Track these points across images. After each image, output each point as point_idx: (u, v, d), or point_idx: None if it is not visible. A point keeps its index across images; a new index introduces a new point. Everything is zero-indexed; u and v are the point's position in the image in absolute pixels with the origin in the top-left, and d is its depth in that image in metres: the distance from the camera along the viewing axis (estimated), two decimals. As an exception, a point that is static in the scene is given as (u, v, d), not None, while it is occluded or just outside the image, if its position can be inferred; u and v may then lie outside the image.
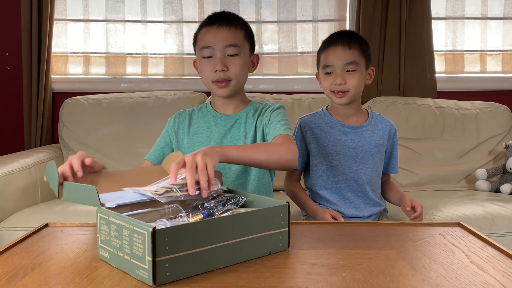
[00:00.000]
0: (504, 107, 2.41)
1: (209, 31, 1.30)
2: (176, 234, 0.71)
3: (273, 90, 2.55)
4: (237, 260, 0.79)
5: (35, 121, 2.46)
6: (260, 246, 0.82)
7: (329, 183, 1.49)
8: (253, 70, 1.39)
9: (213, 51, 1.29)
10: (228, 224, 0.77)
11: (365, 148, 1.49)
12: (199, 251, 0.74)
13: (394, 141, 1.57)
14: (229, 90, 1.31)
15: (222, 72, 1.28)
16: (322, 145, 1.49)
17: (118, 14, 2.59)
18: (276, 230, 0.83)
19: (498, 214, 1.70)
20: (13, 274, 0.75)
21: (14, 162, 1.89)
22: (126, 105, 2.33)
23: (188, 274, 0.73)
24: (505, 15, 2.61)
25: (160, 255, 0.69)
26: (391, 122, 1.57)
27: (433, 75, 2.52)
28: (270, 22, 2.61)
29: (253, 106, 1.39)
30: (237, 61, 1.30)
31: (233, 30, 1.30)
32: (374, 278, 0.73)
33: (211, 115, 1.39)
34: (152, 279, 0.69)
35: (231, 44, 1.28)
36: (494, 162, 2.30)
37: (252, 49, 1.38)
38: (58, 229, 1.01)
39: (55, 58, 2.59)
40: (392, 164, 1.58)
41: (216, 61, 1.28)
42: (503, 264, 0.79)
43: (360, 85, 1.45)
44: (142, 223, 0.71)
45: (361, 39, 1.47)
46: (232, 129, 1.35)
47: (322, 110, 1.56)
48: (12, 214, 1.78)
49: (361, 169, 1.49)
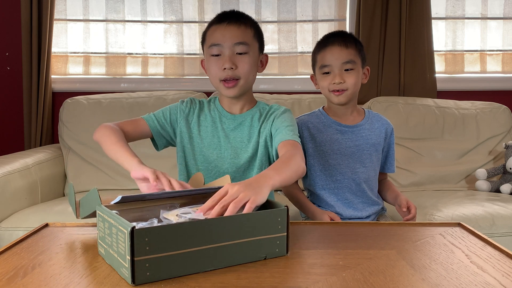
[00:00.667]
0: (504, 107, 2.41)
1: (218, 29, 1.28)
2: (157, 234, 0.70)
3: (273, 90, 2.55)
4: (227, 263, 0.77)
5: (35, 121, 2.46)
6: (254, 250, 0.79)
7: (327, 183, 1.49)
8: (262, 70, 1.37)
9: (222, 49, 1.27)
10: (217, 226, 0.75)
11: (362, 147, 1.49)
12: (183, 252, 0.72)
13: (391, 140, 1.57)
14: (237, 91, 1.29)
15: (231, 70, 1.26)
16: (319, 144, 1.49)
17: (118, 14, 2.59)
18: (272, 235, 0.81)
19: (498, 214, 1.70)
20: (13, 274, 0.75)
21: (14, 162, 1.89)
22: (126, 105, 2.33)
23: (170, 275, 0.72)
24: (505, 15, 2.61)
25: (140, 255, 0.69)
26: (388, 121, 1.57)
27: (433, 75, 2.52)
28: (270, 22, 2.61)
29: (259, 108, 1.37)
30: (246, 59, 1.28)
31: (242, 28, 1.28)
32: (374, 278, 0.73)
33: (218, 111, 1.37)
34: (131, 278, 0.69)
35: (240, 42, 1.27)
36: (494, 162, 2.30)
37: (261, 49, 1.36)
38: (58, 229, 1.01)
39: (55, 58, 2.59)
40: (388, 163, 1.58)
41: (224, 59, 1.26)
42: (503, 264, 0.79)
43: (357, 83, 1.46)
44: (124, 221, 0.71)
45: (356, 39, 1.49)
46: (236, 130, 1.34)
47: (319, 110, 1.56)
48: (12, 214, 1.78)
49: (359, 168, 1.49)
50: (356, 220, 1.48)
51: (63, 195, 2.22)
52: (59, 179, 2.20)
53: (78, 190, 2.18)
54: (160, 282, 0.71)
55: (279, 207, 0.83)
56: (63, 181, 2.24)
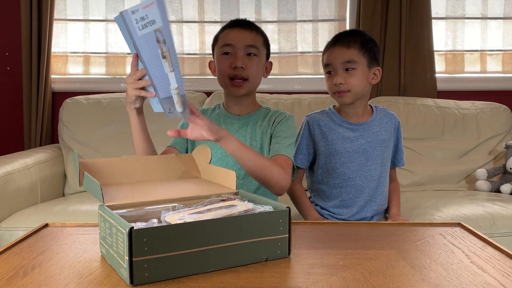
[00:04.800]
0: (504, 107, 2.41)
1: (232, 32, 1.37)
2: (156, 235, 0.70)
3: (273, 90, 2.55)
4: (227, 264, 0.77)
5: (35, 121, 2.46)
6: (255, 251, 0.79)
7: (338, 181, 1.49)
8: (266, 76, 1.45)
9: (234, 49, 1.35)
10: (215, 227, 0.75)
11: (374, 144, 1.49)
12: (182, 253, 0.72)
13: (399, 134, 1.58)
14: (243, 90, 1.36)
15: (241, 70, 1.33)
16: (330, 143, 1.49)
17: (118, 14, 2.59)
18: (274, 236, 0.80)
19: (498, 214, 1.70)
20: (13, 274, 0.75)
21: (14, 162, 1.89)
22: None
23: (169, 276, 0.72)
24: (505, 15, 2.61)
25: (138, 255, 0.69)
26: (395, 115, 1.59)
27: (433, 75, 2.52)
28: (270, 22, 2.61)
29: (262, 111, 1.43)
30: (255, 61, 1.36)
31: (254, 34, 1.37)
32: (374, 278, 0.73)
33: (222, 114, 1.44)
34: (129, 279, 0.69)
35: (252, 45, 1.35)
36: (494, 162, 2.30)
37: (268, 56, 1.44)
38: (58, 229, 1.01)
39: (55, 58, 2.59)
40: (399, 157, 1.59)
41: (236, 58, 1.34)
42: (503, 264, 0.79)
43: (361, 84, 1.45)
44: (124, 222, 0.71)
45: (365, 38, 1.46)
46: (240, 130, 1.39)
47: (329, 109, 1.56)
48: (12, 214, 1.77)
49: (371, 165, 1.49)
50: (361, 220, 1.49)
51: (63, 195, 2.22)
52: (59, 179, 2.20)
53: (78, 190, 2.19)
54: (160, 282, 0.71)
55: (280, 208, 0.82)
56: (63, 181, 2.24)
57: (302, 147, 1.51)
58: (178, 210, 0.84)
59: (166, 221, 0.79)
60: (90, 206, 1.76)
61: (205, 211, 0.82)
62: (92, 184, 0.84)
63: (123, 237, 0.70)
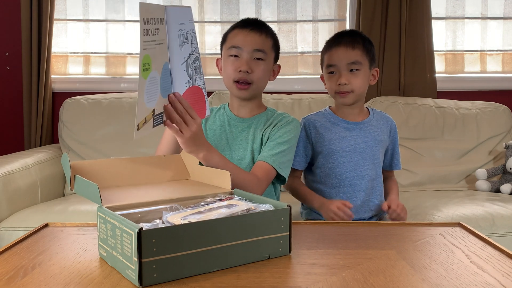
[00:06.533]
0: (504, 107, 2.41)
1: (241, 33, 1.35)
2: (164, 235, 0.70)
3: (273, 90, 2.55)
4: (232, 263, 0.77)
5: (35, 121, 2.46)
6: (258, 250, 0.80)
7: (336, 181, 1.49)
8: (273, 79, 1.45)
9: (241, 51, 1.33)
10: (221, 226, 0.75)
11: (371, 144, 1.49)
12: (190, 253, 0.73)
13: (395, 137, 1.58)
14: (248, 93, 1.36)
15: (246, 74, 1.32)
16: (327, 142, 1.50)
17: (118, 14, 2.59)
18: (275, 234, 0.81)
19: (498, 214, 1.70)
20: (13, 274, 0.75)
21: (14, 162, 1.89)
22: (126, 105, 2.33)
23: (177, 276, 0.72)
24: (505, 15, 2.61)
25: (147, 256, 0.69)
26: (391, 118, 1.59)
27: (433, 75, 2.52)
28: (270, 22, 2.61)
29: (267, 113, 1.42)
30: (261, 66, 1.34)
31: (263, 37, 1.35)
32: (374, 278, 0.73)
33: (227, 115, 1.43)
34: (138, 280, 0.69)
35: (259, 49, 1.34)
36: (494, 162, 2.30)
37: (276, 59, 1.43)
38: (58, 229, 1.01)
39: (55, 58, 2.59)
40: (395, 160, 1.59)
41: (242, 62, 1.32)
42: (503, 264, 0.79)
43: (364, 85, 1.46)
44: (130, 223, 0.71)
45: (365, 39, 1.48)
46: (244, 132, 1.39)
47: (325, 110, 1.56)
48: (12, 214, 1.78)
49: (368, 165, 1.49)
50: (360, 220, 1.49)
51: (63, 195, 2.22)
52: (59, 179, 2.20)
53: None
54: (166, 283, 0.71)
55: (281, 207, 0.83)
56: (63, 181, 2.24)
57: (299, 149, 1.51)
58: (178, 211, 0.84)
59: (168, 221, 0.79)
60: (90, 206, 1.76)
61: (206, 211, 0.82)
62: (87, 187, 0.84)
63: (130, 238, 0.70)
